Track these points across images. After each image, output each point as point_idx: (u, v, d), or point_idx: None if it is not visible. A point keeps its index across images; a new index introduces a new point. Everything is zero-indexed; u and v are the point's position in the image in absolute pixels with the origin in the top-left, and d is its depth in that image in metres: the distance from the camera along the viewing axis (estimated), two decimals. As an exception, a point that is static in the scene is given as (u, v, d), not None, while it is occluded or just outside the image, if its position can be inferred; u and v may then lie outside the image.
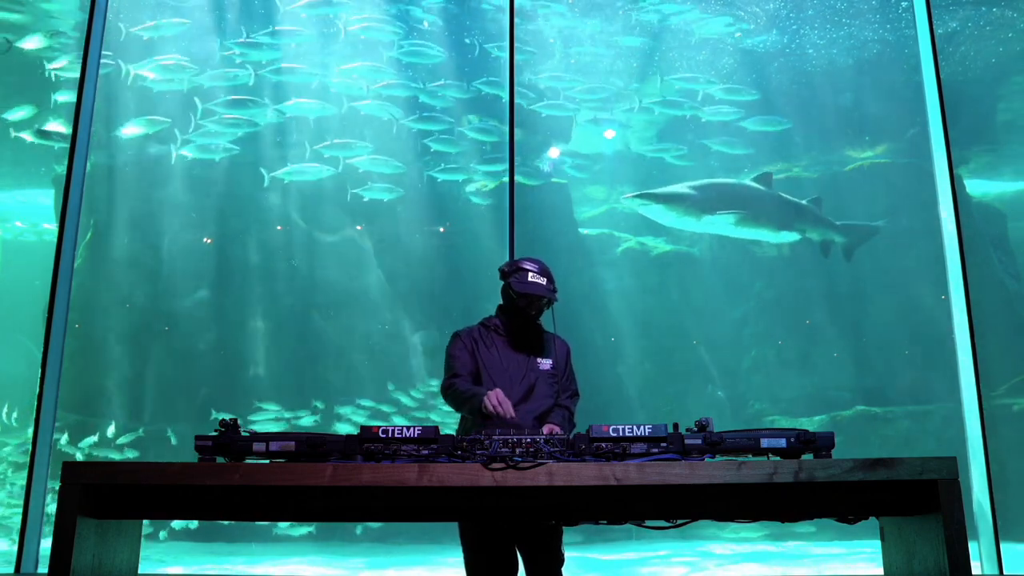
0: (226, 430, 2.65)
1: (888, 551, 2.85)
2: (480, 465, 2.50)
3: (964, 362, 4.97)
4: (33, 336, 9.85)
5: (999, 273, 10.37)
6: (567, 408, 3.49)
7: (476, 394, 3.23)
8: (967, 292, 5.06)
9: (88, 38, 5.27)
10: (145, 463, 2.56)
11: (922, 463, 2.47)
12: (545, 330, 3.60)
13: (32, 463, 4.69)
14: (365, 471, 2.50)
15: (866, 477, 2.47)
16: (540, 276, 3.39)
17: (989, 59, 11.14)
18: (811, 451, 2.61)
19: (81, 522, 2.48)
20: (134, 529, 2.86)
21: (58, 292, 4.91)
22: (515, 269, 3.42)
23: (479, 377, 3.42)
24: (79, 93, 5.18)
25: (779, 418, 10.15)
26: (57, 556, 2.43)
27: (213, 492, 2.61)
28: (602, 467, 2.49)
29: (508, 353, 3.47)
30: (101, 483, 2.53)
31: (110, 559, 2.67)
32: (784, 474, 2.48)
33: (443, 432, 2.66)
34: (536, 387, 3.42)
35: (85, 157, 5.18)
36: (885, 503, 2.62)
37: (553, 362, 3.49)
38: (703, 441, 2.61)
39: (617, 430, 2.61)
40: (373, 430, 2.63)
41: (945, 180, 5.29)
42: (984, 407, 4.90)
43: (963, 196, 9.89)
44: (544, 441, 2.57)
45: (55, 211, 10.16)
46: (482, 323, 3.58)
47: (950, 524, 2.41)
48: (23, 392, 9.20)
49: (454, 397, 3.36)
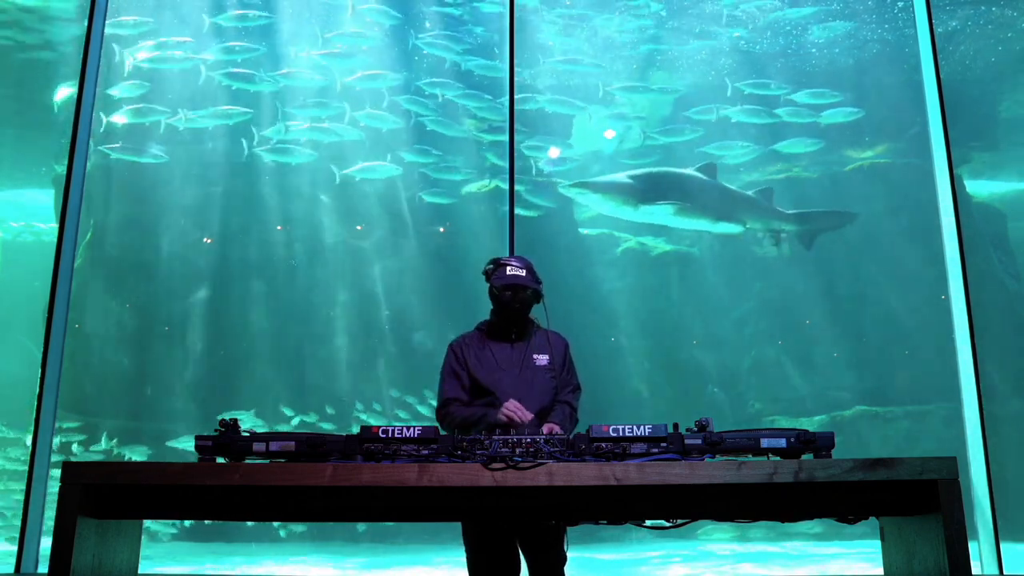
0: (226, 430, 2.65)
1: (888, 551, 2.85)
2: (480, 465, 2.50)
3: (964, 362, 4.97)
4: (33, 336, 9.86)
5: (999, 273, 10.37)
6: (568, 403, 3.49)
7: (485, 414, 3.29)
8: (967, 292, 5.06)
9: (88, 38, 5.27)
10: (145, 463, 2.56)
11: (922, 463, 2.47)
12: (540, 327, 3.61)
13: (32, 463, 4.69)
14: (365, 471, 2.50)
15: (866, 477, 2.47)
16: (519, 268, 3.45)
17: (989, 58, 11.14)
18: (811, 451, 2.61)
19: (81, 522, 2.47)
20: (134, 529, 2.85)
21: (58, 292, 4.90)
22: (495, 267, 3.49)
23: (475, 388, 3.44)
24: (79, 92, 5.17)
25: (779, 418, 10.15)
26: (57, 556, 2.43)
27: (213, 492, 2.61)
28: (602, 467, 2.48)
29: (501, 352, 3.49)
30: (101, 483, 2.52)
31: (110, 559, 2.67)
32: (784, 474, 2.48)
33: (443, 432, 2.66)
34: (533, 384, 3.43)
35: (85, 157, 5.18)
36: (885, 503, 2.61)
37: (549, 358, 3.50)
38: (703, 441, 2.61)
39: (617, 430, 2.61)
40: (373, 430, 2.63)
41: (945, 180, 5.29)
42: (984, 407, 4.90)
43: (963, 196, 9.89)
44: (544, 441, 2.58)
45: (55, 211, 10.16)
46: (477, 327, 3.62)
47: (950, 524, 2.41)
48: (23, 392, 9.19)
49: (452, 424, 3.39)
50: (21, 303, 10.08)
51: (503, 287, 3.44)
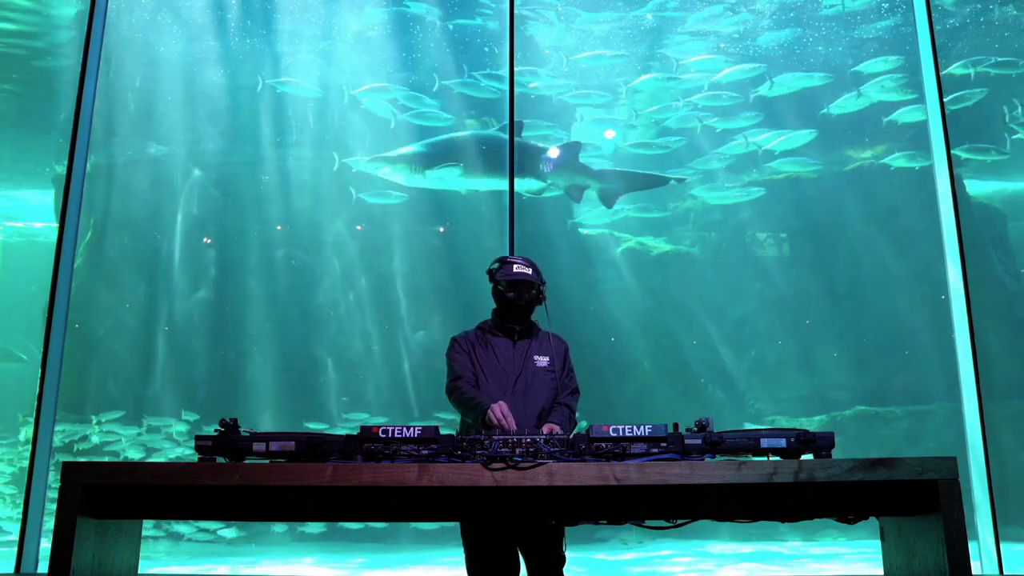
0: (226, 430, 2.65)
1: (888, 551, 2.85)
2: (480, 465, 2.50)
3: (964, 362, 4.97)
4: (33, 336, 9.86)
5: (999, 273, 10.37)
6: (568, 406, 3.49)
7: (481, 403, 3.26)
8: (967, 292, 5.06)
9: (88, 38, 5.27)
10: (145, 463, 2.57)
11: (922, 463, 2.47)
12: (541, 329, 3.62)
13: (32, 463, 4.69)
14: (365, 471, 2.50)
15: (866, 477, 2.47)
16: (526, 267, 3.45)
17: (989, 58, 11.12)
18: (811, 451, 2.61)
19: (81, 522, 2.47)
20: (134, 529, 2.85)
21: (58, 292, 4.91)
22: (501, 265, 3.49)
23: (479, 379, 3.44)
24: (79, 92, 5.18)
25: (779, 418, 10.15)
26: (57, 556, 2.43)
27: (213, 492, 2.61)
28: (602, 467, 2.48)
29: (504, 353, 3.49)
30: (101, 483, 2.52)
31: (110, 559, 2.67)
32: (784, 474, 2.48)
33: (443, 432, 2.67)
34: (533, 384, 3.43)
35: (85, 157, 5.18)
36: (885, 503, 2.61)
37: (550, 359, 3.51)
38: (703, 441, 2.61)
39: (617, 430, 2.61)
40: (373, 430, 2.63)
41: (945, 180, 5.29)
42: (984, 407, 4.90)
43: (963, 196, 9.89)
44: (544, 441, 2.58)
45: (55, 211, 10.17)
46: (478, 327, 3.61)
47: (950, 524, 2.41)
48: (23, 392, 9.20)
49: (458, 400, 3.39)
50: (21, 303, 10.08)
51: (509, 284, 3.44)
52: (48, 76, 10.38)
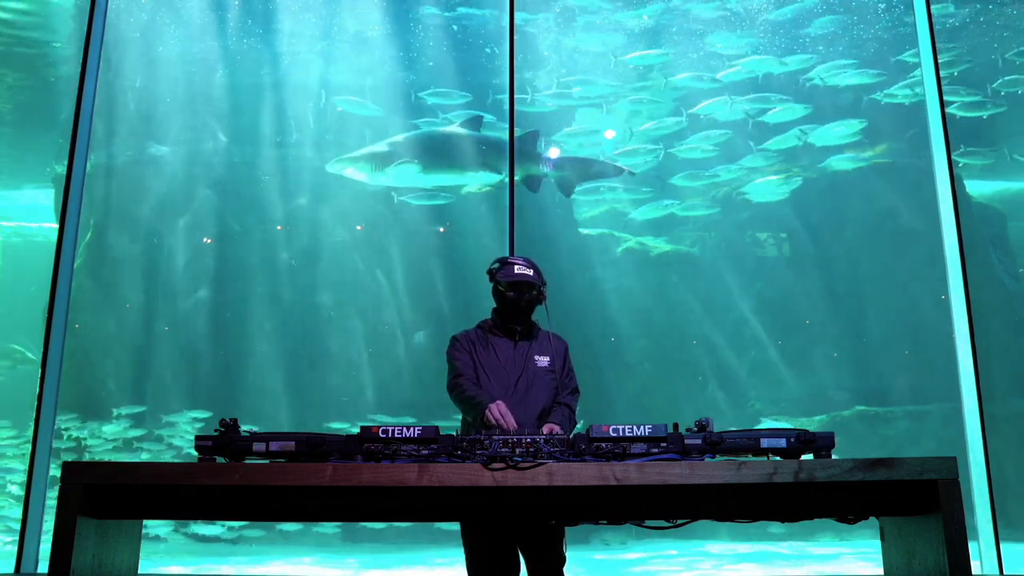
0: (226, 430, 2.64)
1: (888, 551, 2.85)
2: (480, 465, 2.50)
3: (964, 362, 4.97)
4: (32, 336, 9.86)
5: (999, 273, 10.37)
6: (568, 406, 3.49)
7: (481, 401, 3.26)
8: (967, 292, 5.06)
9: (88, 38, 5.27)
10: (145, 463, 2.56)
11: (922, 463, 2.47)
12: (541, 328, 3.62)
13: (32, 463, 4.69)
14: (365, 471, 2.50)
15: (866, 477, 2.47)
16: (527, 267, 3.45)
17: (989, 56, 11.12)
18: (811, 451, 2.61)
19: (81, 522, 2.47)
20: (134, 529, 2.85)
21: (58, 292, 4.91)
22: (501, 265, 3.49)
23: (480, 378, 3.44)
24: (79, 92, 5.18)
25: (779, 418, 10.15)
26: (57, 556, 2.43)
27: (213, 492, 2.60)
28: (602, 467, 2.48)
29: (504, 352, 3.49)
30: (101, 483, 2.52)
31: (110, 559, 2.67)
32: (784, 474, 2.48)
33: (443, 432, 2.66)
34: (534, 384, 3.43)
35: (85, 157, 5.18)
36: (885, 503, 2.61)
37: (550, 359, 3.51)
38: (703, 441, 2.61)
39: (617, 430, 2.61)
40: (373, 430, 2.63)
41: (945, 180, 5.29)
42: (984, 407, 4.90)
43: (963, 196, 9.88)
44: (544, 441, 2.57)
45: (55, 211, 10.17)
46: (479, 326, 3.61)
47: (950, 524, 2.41)
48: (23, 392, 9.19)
49: (459, 397, 3.39)
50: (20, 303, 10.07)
51: (510, 285, 3.44)
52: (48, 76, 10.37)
